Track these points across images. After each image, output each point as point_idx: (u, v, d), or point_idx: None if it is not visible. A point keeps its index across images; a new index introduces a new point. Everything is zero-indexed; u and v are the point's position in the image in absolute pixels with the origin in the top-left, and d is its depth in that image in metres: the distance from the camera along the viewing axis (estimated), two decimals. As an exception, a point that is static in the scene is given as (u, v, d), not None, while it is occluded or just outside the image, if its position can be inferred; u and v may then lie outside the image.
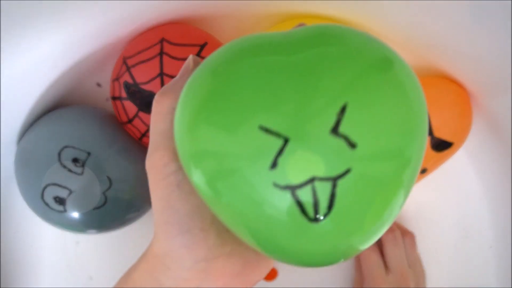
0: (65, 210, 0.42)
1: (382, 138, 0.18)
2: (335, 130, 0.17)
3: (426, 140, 0.21)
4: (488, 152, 0.51)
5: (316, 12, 0.46)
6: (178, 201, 0.21)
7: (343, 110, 0.17)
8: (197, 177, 0.19)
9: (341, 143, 0.17)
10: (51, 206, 0.42)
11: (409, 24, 0.44)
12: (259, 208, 0.18)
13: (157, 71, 0.41)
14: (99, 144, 0.43)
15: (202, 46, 0.43)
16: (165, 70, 0.41)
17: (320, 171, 0.17)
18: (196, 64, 0.23)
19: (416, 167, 0.19)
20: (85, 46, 0.42)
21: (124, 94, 0.43)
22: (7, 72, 0.37)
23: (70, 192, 0.42)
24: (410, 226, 0.53)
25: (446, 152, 0.46)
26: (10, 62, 0.36)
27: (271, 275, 0.50)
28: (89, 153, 0.42)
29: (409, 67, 0.21)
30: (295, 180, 0.17)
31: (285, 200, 0.18)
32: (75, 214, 0.42)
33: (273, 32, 0.20)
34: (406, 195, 0.20)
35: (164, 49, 0.42)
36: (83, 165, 0.42)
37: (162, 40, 0.42)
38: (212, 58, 0.20)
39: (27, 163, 0.43)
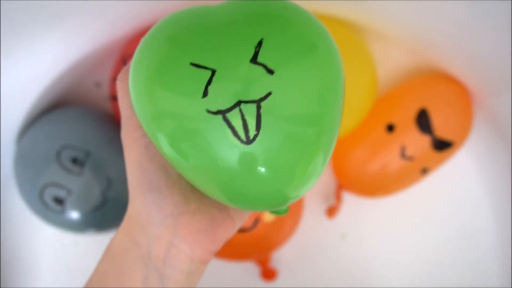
0: (64, 210, 0.42)
1: (296, 69, 0.21)
2: (254, 59, 0.21)
3: (339, 123, 0.24)
4: (490, 152, 0.51)
5: (316, 12, 0.46)
6: (146, 161, 0.25)
7: (260, 43, 0.21)
8: (162, 141, 0.22)
9: (261, 69, 0.21)
10: (50, 207, 0.42)
11: (410, 24, 0.44)
12: (198, 140, 0.21)
13: (157, 70, 0.41)
14: (99, 144, 0.43)
15: (202, 46, 0.43)
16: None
17: (245, 95, 0.21)
18: None
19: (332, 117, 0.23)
20: (84, 46, 0.42)
21: (123, 94, 0.43)
22: (7, 72, 0.37)
23: (69, 192, 0.41)
24: (411, 226, 0.53)
25: (447, 151, 0.46)
26: (10, 62, 0.36)
27: (271, 275, 0.50)
28: (88, 153, 0.42)
29: (335, 50, 0.24)
30: (224, 104, 0.20)
31: (219, 127, 0.21)
32: (74, 214, 0.42)
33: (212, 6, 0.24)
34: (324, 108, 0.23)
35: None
36: (82, 165, 0.42)
37: (161, 40, 0.42)
38: (158, 26, 0.23)
39: (26, 163, 0.43)
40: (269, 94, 0.21)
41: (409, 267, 0.53)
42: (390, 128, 0.46)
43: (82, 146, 0.42)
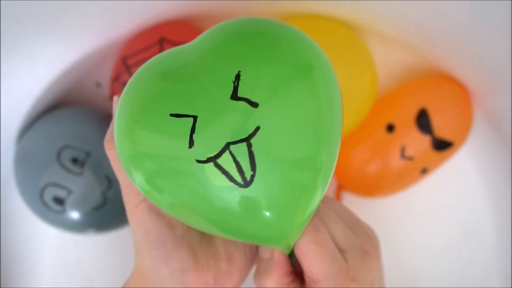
0: (64, 211, 0.42)
1: (284, 101, 0.20)
2: (234, 95, 0.19)
3: (338, 148, 0.22)
4: (489, 152, 0.51)
5: (316, 12, 0.46)
6: (150, 224, 0.25)
7: (237, 77, 0.19)
8: (139, 179, 0.21)
9: (243, 104, 0.19)
10: (50, 207, 0.42)
11: (410, 24, 0.44)
12: (202, 194, 0.20)
13: (157, 70, 0.41)
14: (99, 144, 0.43)
15: (202, 46, 0.43)
16: (165, 70, 0.41)
17: (232, 136, 0.19)
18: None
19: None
20: (84, 46, 0.42)
21: (123, 94, 0.43)
22: (7, 72, 0.37)
23: (70, 192, 0.41)
24: (411, 226, 0.53)
25: (446, 151, 0.46)
26: (10, 62, 0.36)
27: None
28: (88, 153, 0.42)
29: (332, 73, 0.22)
30: (213, 150, 0.19)
31: (213, 172, 0.20)
32: (75, 215, 0.42)
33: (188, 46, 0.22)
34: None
35: (164, 49, 0.42)
36: (82, 165, 0.42)
37: (161, 40, 0.42)
38: (139, 73, 0.22)
39: (26, 163, 0.43)
40: (257, 129, 0.19)
41: (408, 267, 0.53)
42: (390, 128, 0.46)
43: (82, 146, 0.42)
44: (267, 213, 0.21)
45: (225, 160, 0.19)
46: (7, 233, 0.49)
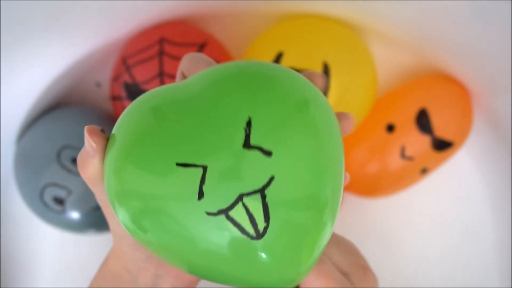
0: (64, 211, 0.42)
1: (296, 152, 0.18)
2: (246, 143, 0.18)
3: (342, 180, 0.21)
4: (489, 152, 0.51)
5: (316, 12, 0.46)
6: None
7: (248, 123, 0.18)
8: (123, 216, 0.20)
9: (257, 153, 0.18)
10: (50, 207, 0.42)
11: (410, 24, 0.44)
12: (197, 244, 0.19)
13: (157, 70, 0.41)
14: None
15: (202, 46, 0.43)
16: (165, 70, 0.41)
17: (246, 187, 0.18)
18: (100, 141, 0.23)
19: (334, 199, 0.20)
20: (84, 46, 0.42)
21: (123, 94, 0.43)
22: (7, 72, 0.37)
23: (69, 192, 0.41)
24: (411, 226, 0.53)
25: (446, 151, 0.46)
26: (10, 62, 0.36)
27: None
28: (88, 153, 0.42)
29: (328, 106, 0.21)
30: (225, 202, 0.18)
31: (223, 227, 0.18)
32: (75, 214, 0.42)
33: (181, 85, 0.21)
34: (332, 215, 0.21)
35: (164, 49, 0.42)
36: (82, 165, 0.42)
37: (161, 40, 0.42)
38: (127, 118, 0.21)
39: (26, 163, 0.43)
40: (272, 178, 0.18)
41: (408, 267, 0.53)
42: (390, 128, 0.46)
43: (82, 146, 0.42)
44: (263, 255, 0.19)
45: (238, 213, 0.18)
46: (7, 233, 0.49)
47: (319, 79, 0.23)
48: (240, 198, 0.18)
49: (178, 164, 0.18)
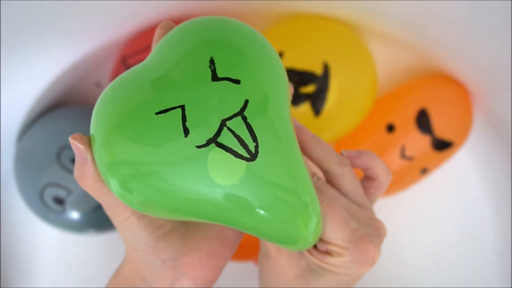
0: (64, 211, 0.42)
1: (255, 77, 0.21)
2: (214, 77, 0.20)
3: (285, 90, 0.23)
4: (489, 152, 0.51)
5: (316, 12, 0.46)
6: (140, 230, 0.25)
7: (211, 61, 0.20)
8: (119, 181, 0.21)
9: (226, 83, 0.20)
10: (50, 207, 0.42)
11: (410, 24, 0.44)
12: (194, 191, 0.20)
13: (157, 70, 0.41)
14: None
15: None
16: (165, 70, 0.41)
17: (225, 113, 0.20)
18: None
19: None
20: (84, 46, 0.42)
21: (123, 94, 0.43)
22: (7, 72, 0.37)
23: (69, 192, 0.41)
24: (411, 226, 0.53)
25: (447, 151, 0.46)
26: (10, 62, 0.36)
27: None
28: (88, 153, 0.42)
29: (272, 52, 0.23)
30: (211, 131, 0.20)
31: (216, 159, 0.20)
32: (74, 214, 0.42)
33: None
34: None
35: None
36: (82, 165, 0.42)
37: (161, 40, 0.42)
38: (113, 85, 0.22)
39: (27, 163, 0.43)
40: (247, 101, 0.20)
41: (408, 267, 0.53)
42: (390, 128, 0.46)
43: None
44: (261, 211, 0.21)
45: (226, 137, 0.20)
46: (7, 233, 0.49)
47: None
48: (223, 123, 0.20)
49: (157, 113, 0.20)
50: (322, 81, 0.42)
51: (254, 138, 0.20)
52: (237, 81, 0.20)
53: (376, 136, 0.47)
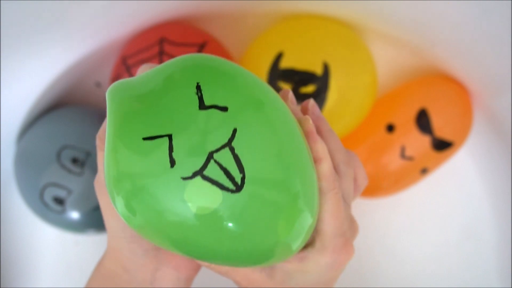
0: (64, 211, 0.42)
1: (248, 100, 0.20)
2: (201, 105, 0.19)
3: (311, 173, 0.22)
4: (489, 152, 0.51)
5: (316, 12, 0.46)
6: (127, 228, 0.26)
7: (198, 87, 0.20)
8: (120, 205, 0.21)
9: (214, 111, 0.19)
10: (50, 207, 0.42)
11: (410, 24, 0.44)
12: (174, 216, 0.20)
13: (157, 70, 0.41)
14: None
15: (202, 46, 0.43)
16: (165, 70, 0.41)
17: (212, 144, 0.19)
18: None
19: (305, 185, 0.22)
20: (84, 46, 0.42)
21: (123, 94, 0.43)
22: (7, 72, 0.37)
23: (70, 192, 0.41)
24: (411, 226, 0.53)
25: (447, 151, 0.46)
26: (10, 62, 0.36)
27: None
28: (88, 153, 0.42)
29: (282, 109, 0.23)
30: (197, 164, 0.19)
31: (189, 198, 0.19)
32: (75, 215, 0.42)
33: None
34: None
35: (164, 49, 0.42)
36: (82, 165, 0.42)
37: (161, 40, 0.42)
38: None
39: (27, 163, 0.43)
40: (235, 130, 0.19)
41: (408, 267, 0.53)
42: (390, 128, 0.46)
43: (82, 146, 0.42)
44: (230, 224, 0.20)
45: (212, 170, 0.19)
46: (7, 233, 0.49)
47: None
48: (210, 156, 0.19)
49: (144, 139, 0.19)
50: (322, 81, 0.42)
51: (241, 169, 0.19)
52: (224, 109, 0.20)
53: (376, 136, 0.47)
